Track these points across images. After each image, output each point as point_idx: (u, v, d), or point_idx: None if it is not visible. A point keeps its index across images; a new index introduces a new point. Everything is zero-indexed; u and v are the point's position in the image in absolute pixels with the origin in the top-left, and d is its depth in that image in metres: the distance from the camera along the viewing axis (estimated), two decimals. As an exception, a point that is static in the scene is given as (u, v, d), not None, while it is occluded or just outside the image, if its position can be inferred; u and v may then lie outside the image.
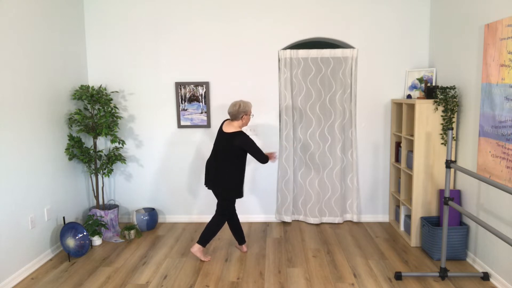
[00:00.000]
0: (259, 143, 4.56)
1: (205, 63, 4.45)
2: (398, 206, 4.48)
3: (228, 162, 3.45)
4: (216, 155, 3.52)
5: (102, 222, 4.09)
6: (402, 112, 4.29)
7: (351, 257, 3.65)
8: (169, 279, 3.29)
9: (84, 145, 4.17)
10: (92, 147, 4.46)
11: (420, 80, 4.22)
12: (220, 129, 3.55)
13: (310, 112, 4.47)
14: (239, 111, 3.44)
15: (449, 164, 3.11)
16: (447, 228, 3.19)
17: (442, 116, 3.69)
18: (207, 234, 3.57)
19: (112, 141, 4.10)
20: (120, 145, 4.54)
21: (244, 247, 3.81)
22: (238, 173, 3.50)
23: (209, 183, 3.57)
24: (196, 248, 3.58)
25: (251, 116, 3.65)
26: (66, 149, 3.97)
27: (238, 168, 3.49)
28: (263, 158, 3.43)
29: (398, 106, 4.40)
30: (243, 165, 3.53)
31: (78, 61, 4.29)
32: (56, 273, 3.42)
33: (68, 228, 3.70)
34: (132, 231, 4.17)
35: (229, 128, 3.49)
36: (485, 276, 3.17)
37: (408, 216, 4.13)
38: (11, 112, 3.24)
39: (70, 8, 4.14)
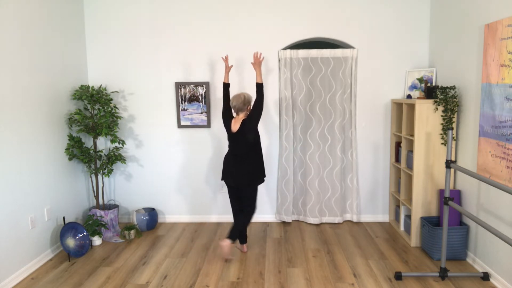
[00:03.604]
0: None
1: (205, 63, 4.45)
2: (398, 206, 4.48)
3: (255, 153, 3.57)
4: (239, 154, 3.56)
5: (102, 222, 4.09)
6: (402, 112, 4.29)
7: (351, 257, 3.65)
8: (169, 279, 3.29)
9: (84, 145, 4.17)
10: (92, 147, 4.46)
11: (420, 80, 4.22)
12: (230, 130, 3.57)
13: (310, 112, 4.47)
14: (245, 102, 3.51)
15: (449, 164, 3.11)
16: (447, 228, 3.19)
17: (442, 116, 3.69)
18: (237, 229, 3.55)
19: (112, 141, 4.09)
20: (120, 145, 4.54)
21: (244, 247, 3.81)
22: (260, 158, 3.64)
23: (236, 180, 3.58)
24: (228, 243, 3.49)
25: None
26: (66, 149, 3.98)
27: (259, 153, 3.63)
28: (261, 98, 3.52)
29: (398, 106, 4.40)
30: (261, 148, 3.67)
31: (78, 61, 4.30)
32: (56, 273, 3.42)
33: (68, 228, 3.70)
34: (132, 231, 4.17)
35: (237, 125, 3.54)
36: (485, 276, 3.17)
37: (408, 216, 4.13)
38: (11, 112, 3.24)
39: (70, 8, 4.14)
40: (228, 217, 4.67)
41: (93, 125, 4.11)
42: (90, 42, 4.46)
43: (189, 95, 4.48)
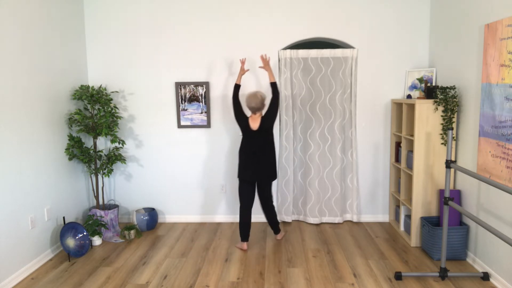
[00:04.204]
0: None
1: (205, 63, 4.45)
2: (398, 206, 4.48)
3: (271, 149, 3.76)
4: (258, 151, 3.70)
5: (102, 222, 4.09)
6: (402, 112, 4.29)
7: (351, 257, 3.65)
8: (169, 279, 3.29)
9: (84, 145, 4.17)
10: (92, 147, 4.46)
11: (420, 80, 4.22)
12: (249, 129, 3.69)
13: (310, 112, 4.47)
14: (263, 102, 3.67)
15: (449, 164, 3.11)
16: (447, 228, 3.19)
17: (442, 116, 3.69)
18: (274, 222, 3.99)
19: (112, 141, 4.10)
20: (120, 145, 4.54)
21: (245, 245, 3.82)
22: (275, 154, 3.85)
23: (257, 176, 3.74)
24: (280, 235, 4.08)
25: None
26: (66, 149, 3.98)
27: (274, 149, 3.83)
28: (277, 96, 3.73)
29: (398, 106, 4.40)
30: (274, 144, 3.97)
31: (78, 61, 4.30)
32: (56, 273, 3.43)
33: (68, 228, 3.71)
34: (132, 231, 4.17)
35: (256, 124, 3.68)
36: (485, 276, 3.17)
37: (408, 216, 4.13)
38: (11, 112, 3.24)
39: (70, 8, 4.15)
40: (227, 217, 4.67)
41: (93, 125, 4.11)
42: (90, 42, 4.46)
43: (189, 95, 4.48)
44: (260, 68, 4.01)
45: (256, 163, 3.72)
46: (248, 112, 4.38)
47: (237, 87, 3.83)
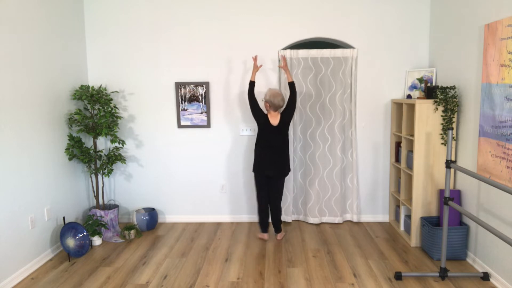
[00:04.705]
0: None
1: (205, 63, 4.45)
2: (398, 206, 4.48)
3: (287, 145, 3.92)
4: (276, 146, 3.84)
5: (102, 222, 4.09)
6: (402, 112, 4.29)
7: (351, 257, 3.65)
8: (169, 279, 3.29)
9: (84, 145, 4.17)
10: (92, 147, 4.46)
11: (420, 80, 4.22)
12: (269, 124, 3.79)
13: (310, 112, 4.47)
14: (284, 100, 3.86)
15: (449, 164, 3.11)
16: (447, 228, 3.19)
17: (442, 116, 3.69)
18: (278, 220, 4.07)
19: (112, 141, 4.10)
20: (120, 145, 4.54)
21: (265, 235, 4.05)
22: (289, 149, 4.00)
23: (275, 171, 3.87)
24: (280, 234, 4.10)
25: None
26: (66, 149, 3.98)
27: (289, 144, 3.98)
28: (295, 95, 3.91)
29: (398, 106, 4.40)
30: None
31: (78, 61, 4.30)
32: (56, 273, 3.43)
33: (68, 228, 3.71)
34: (132, 231, 4.17)
35: (276, 120, 3.84)
36: (485, 276, 3.17)
37: (408, 216, 4.13)
38: (11, 112, 3.24)
39: (70, 8, 4.15)
40: (227, 217, 4.68)
41: (93, 125, 4.11)
42: (90, 42, 4.47)
43: (189, 95, 4.48)
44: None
45: (273, 158, 3.85)
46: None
47: (252, 84, 3.89)
